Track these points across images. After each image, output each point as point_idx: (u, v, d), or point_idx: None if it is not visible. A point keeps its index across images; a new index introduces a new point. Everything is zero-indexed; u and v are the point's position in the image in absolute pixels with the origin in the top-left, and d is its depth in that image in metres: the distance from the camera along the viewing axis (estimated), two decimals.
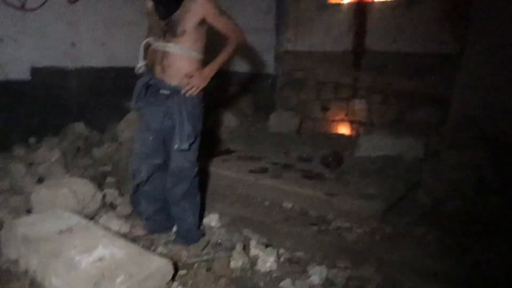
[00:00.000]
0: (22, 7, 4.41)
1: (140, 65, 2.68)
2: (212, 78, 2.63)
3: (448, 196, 3.42)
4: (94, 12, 5.07)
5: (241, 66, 6.30)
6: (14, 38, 4.38)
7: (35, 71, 4.57)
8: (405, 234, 2.95)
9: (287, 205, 3.38)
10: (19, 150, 4.15)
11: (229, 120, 5.19)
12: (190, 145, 2.58)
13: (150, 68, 2.72)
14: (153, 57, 2.68)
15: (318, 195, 3.29)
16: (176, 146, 2.56)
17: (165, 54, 2.58)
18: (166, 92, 2.61)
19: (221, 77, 6.28)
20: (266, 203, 3.46)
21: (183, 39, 2.52)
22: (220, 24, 2.55)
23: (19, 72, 4.46)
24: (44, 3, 4.58)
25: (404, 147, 4.23)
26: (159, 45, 2.60)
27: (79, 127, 4.82)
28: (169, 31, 2.54)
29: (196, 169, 2.74)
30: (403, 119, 5.13)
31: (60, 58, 4.79)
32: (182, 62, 2.56)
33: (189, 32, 2.51)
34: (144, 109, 2.73)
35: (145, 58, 2.72)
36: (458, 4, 4.75)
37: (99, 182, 3.65)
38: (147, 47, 2.71)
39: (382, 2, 5.35)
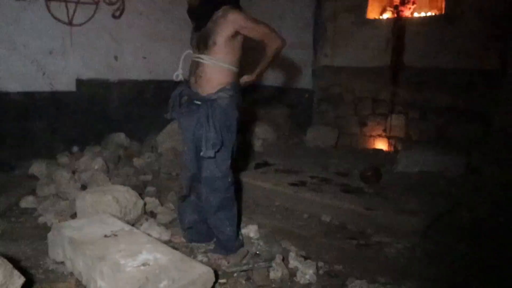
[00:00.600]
0: (70, 23, 4.62)
1: (177, 72, 2.80)
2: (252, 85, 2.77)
3: (491, 214, 3.31)
4: (137, 27, 5.26)
5: (278, 81, 6.35)
6: (62, 51, 4.60)
7: (80, 83, 4.76)
8: (446, 251, 2.86)
9: (326, 218, 3.34)
10: (63, 158, 4.30)
11: (266, 133, 5.22)
12: (216, 153, 2.59)
13: (187, 78, 2.78)
14: (190, 68, 2.75)
15: (357, 209, 3.23)
16: (201, 153, 2.60)
17: (198, 65, 2.63)
18: (198, 102, 2.65)
19: (259, 91, 6.37)
20: (305, 215, 3.42)
21: (214, 51, 2.56)
22: (255, 33, 2.58)
23: (65, 83, 4.66)
24: (90, 18, 4.79)
25: (444, 163, 4.14)
26: (193, 55, 2.68)
27: (120, 137, 4.96)
28: (202, 43, 2.59)
29: (229, 179, 2.73)
30: (443, 135, 5.01)
31: (103, 70, 4.98)
32: (213, 73, 2.60)
33: (219, 44, 2.54)
34: (180, 120, 2.81)
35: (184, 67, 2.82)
36: (499, 19, 4.65)
37: (140, 191, 3.71)
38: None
39: (421, 17, 5.31)
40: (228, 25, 2.51)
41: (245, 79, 2.77)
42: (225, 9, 2.56)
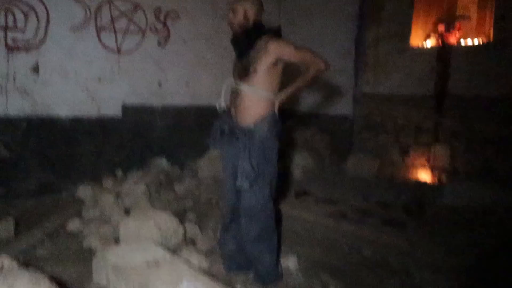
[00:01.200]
0: (118, 51, 4.82)
1: (219, 102, 2.80)
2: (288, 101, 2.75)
3: None
4: (180, 55, 5.41)
5: (319, 107, 6.33)
6: (110, 78, 4.78)
7: (125, 108, 4.92)
8: None
9: (367, 252, 3.25)
10: (108, 182, 4.43)
11: (306, 161, 5.18)
12: (253, 184, 2.59)
13: (228, 108, 2.80)
14: (231, 97, 2.78)
15: (400, 243, 3.14)
16: (237, 183, 2.61)
17: (238, 94, 2.66)
18: (238, 132, 2.67)
19: (299, 118, 6.37)
20: (345, 248, 3.34)
21: (254, 80, 2.58)
22: (298, 58, 2.60)
23: (112, 109, 4.83)
24: (136, 46, 4.98)
25: (493, 197, 3.95)
26: (234, 84, 2.71)
27: (162, 162, 5.07)
28: (243, 71, 2.62)
29: (269, 209, 2.71)
30: (490, 167, 4.81)
31: (148, 96, 5.13)
32: (252, 103, 2.61)
33: (260, 72, 2.56)
34: (221, 150, 2.85)
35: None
36: None
37: (181, 217, 3.75)
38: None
39: (467, 46, 5.19)
40: (269, 53, 2.54)
41: (278, 99, 2.67)
42: (267, 38, 2.59)
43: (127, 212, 3.71)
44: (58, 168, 4.44)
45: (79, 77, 4.53)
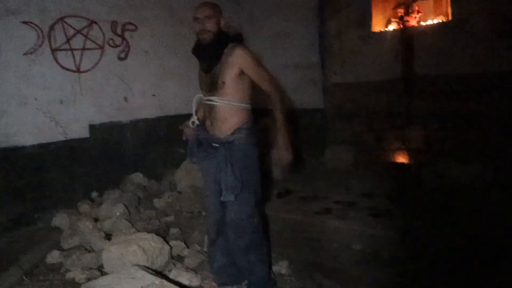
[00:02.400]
0: (78, 70, 4.66)
1: (192, 119, 2.72)
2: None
3: None
4: (144, 66, 5.29)
5: (289, 103, 6.29)
6: (72, 99, 4.62)
7: (92, 128, 4.77)
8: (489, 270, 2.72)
9: (357, 246, 3.23)
10: (84, 206, 4.27)
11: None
12: (238, 196, 2.52)
13: (202, 121, 2.74)
14: (204, 111, 2.72)
15: (389, 234, 3.12)
16: (222, 197, 2.57)
17: (211, 107, 2.58)
18: (216, 145, 2.60)
19: (270, 116, 6.31)
20: (335, 245, 3.31)
21: (224, 91, 2.51)
22: (256, 75, 2.51)
23: (78, 130, 4.67)
24: (96, 63, 4.82)
25: (472, 174, 3.99)
26: (205, 98, 2.63)
27: (137, 177, 4.95)
28: (212, 84, 2.55)
29: (255, 219, 2.65)
30: (465, 143, 4.87)
31: (115, 113, 4.99)
32: (226, 114, 2.55)
33: (228, 83, 2.49)
34: (200, 164, 2.77)
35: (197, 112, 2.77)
36: (510, 18, 4.56)
37: (164, 234, 3.66)
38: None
39: (428, 25, 5.24)
40: (235, 61, 2.46)
41: (281, 159, 2.66)
42: (232, 46, 2.51)
43: (108, 237, 3.57)
44: (30, 199, 4.25)
45: (39, 102, 4.34)
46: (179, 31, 5.62)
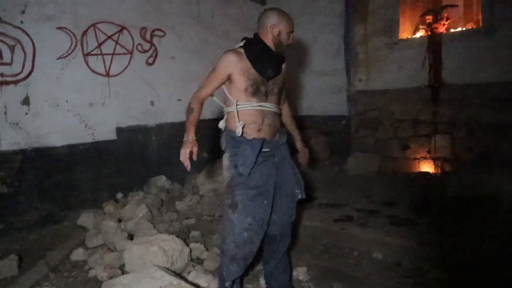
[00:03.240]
0: (107, 74, 4.79)
1: (238, 129, 2.51)
2: None
3: None
4: (170, 71, 5.40)
5: (313, 109, 6.29)
6: (101, 102, 4.74)
7: (119, 131, 4.88)
8: None
9: (377, 255, 3.19)
10: (108, 206, 4.37)
11: (305, 165, 5.10)
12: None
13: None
14: (250, 119, 2.54)
15: (410, 244, 3.07)
16: (299, 196, 2.68)
17: (264, 114, 2.55)
18: (268, 149, 2.56)
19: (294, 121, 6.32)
20: (355, 253, 3.28)
21: (277, 98, 2.63)
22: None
23: (106, 132, 4.79)
24: (125, 68, 4.95)
25: (499, 185, 3.87)
26: (259, 105, 2.54)
27: (161, 180, 5.03)
28: (270, 92, 2.57)
29: None
30: (493, 153, 4.75)
31: (141, 116, 5.10)
32: (278, 119, 2.66)
33: (281, 91, 2.68)
34: (256, 173, 2.53)
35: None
36: None
37: (184, 236, 3.72)
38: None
39: (457, 32, 5.15)
40: (285, 73, 2.69)
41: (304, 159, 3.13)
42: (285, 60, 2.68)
43: (130, 237, 3.66)
44: (58, 198, 4.38)
45: (70, 104, 4.49)
46: (205, 38, 5.73)
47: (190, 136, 2.42)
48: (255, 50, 2.49)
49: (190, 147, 2.38)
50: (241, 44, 2.57)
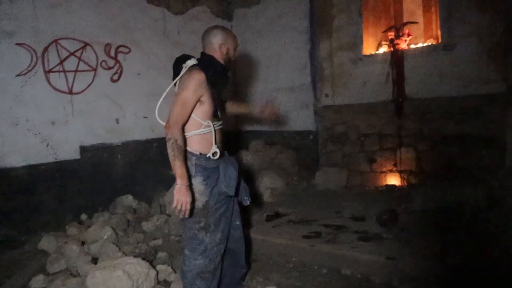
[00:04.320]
0: (70, 91, 4.67)
1: (213, 150, 2.46)
2: None
3: None
4: (135, 88, 5.32)
5: (281, 125, 6.31)
6: (64, 120, 4.62)
7: (83, 150, 4.76)
8: None
9: (346, 271, 3.18)
10: (72, 229, 4.22)
11: (274, 182, 5.10)
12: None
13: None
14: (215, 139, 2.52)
15: (378, 259, 3.08)
16: (247, 202, 2.70)
17: (220, 130, 2.59)
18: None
19: (262, 138, 6.33)
20: (324, 270, 3.26)
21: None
22: None
23: (69, 152, 4.65)
24: (89, 85, 4.84)
25: (462, 196, 3.97)
26: (217, 125, 2.55)
27: (127, 200, 4.91)
28: (222, 109, 2.59)
29: None
30: (456, 165, 4.88)
31: (106, 135, 4.99)
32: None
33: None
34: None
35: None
36: (497, 43, 4.62)
37: (151, 257, 3.61)
38: None
39: (418, 48, 5.30)
40: None
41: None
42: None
43: (94, 261, 3.52)
44: (17, 221, 4.20)
45: (31, 123, 4.34)
46: (172, 54, 5.57)
47: (184, 181, 2.31)
48: (214, 71, 2.46)
49: (187, 195, 2.30)
50: (194, 62, 2.50)
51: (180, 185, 2.30)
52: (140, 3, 5.46)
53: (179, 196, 2.29)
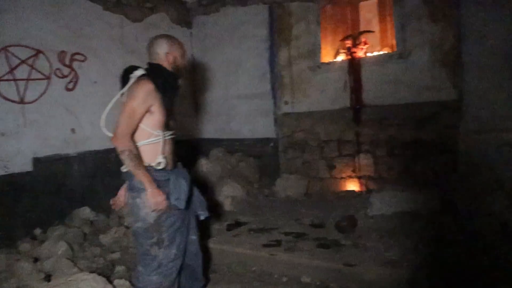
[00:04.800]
0: (21, 101, 4.49)
1: (159, 160, 2.42)
2: None
3: (474, 249, 3.26)
4: (92, 97, 5.17)
5: (241, 133, 6.32)
6: (15, 131, 4.42)
7: (36, 161, 4.57)
8: None
9: (306, 279, 3.21)
10: (24, 245, 4.04)
11: (235, 190, 5.07)
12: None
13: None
14: (164, 149, 2.49)
15: (337, 266, 3.12)
16: (203, 216, 2.68)
17: (171, 142, 2.55)
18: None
19: (222, 146, 6.30)
20: (284, 279, 3.28)
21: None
22: None
23: (21, 164, 4.45)
24: (42, 94, 4.67)
25: (418, 200, 4.09)
26: (167, 134, 2.51)
27: (85, 212, 4.77)
28: (171, 119, 2.54)
29: None
30: (412, 170, 5.03)
31: (61, 145, 4.82)
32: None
33: None
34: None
35: None
36: (448, 52, 4.81)
37: (109, 272, 3.51)
38: None
39: (374, 56, 5.44)
40: None
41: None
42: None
43: (48, 277, 3.38)
44: None
45: None
46: (130, 62, 5.45)
47: (153, 184, 2.33)
48: (164, 80, 2.42)
49: (161, 194, 2.33)
50: (142, 72, 2.44)
51: (151, 189, 2.31)
52: (96, 10, 5.33)
53: (155, 199, 2.31)
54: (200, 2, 6.58)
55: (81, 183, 4.97)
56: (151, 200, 2.31)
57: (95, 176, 5.11)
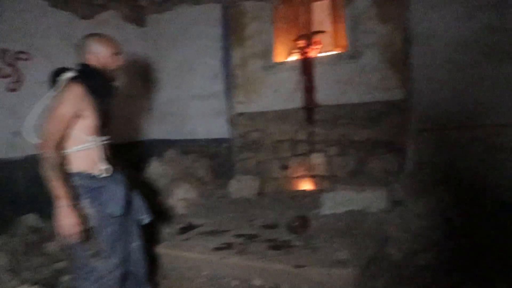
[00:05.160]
0: None
1: (101, 167, 2.39)
2: None
3: (419, 247, 3.36)
4: (39, 98, 4.92)
5: (197, 133, 6.25)
6: None
7: None
8: None
9: (257, 282, 3.20)
10: None
11: (188, 192, 5.01)
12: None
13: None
14: (99, 155, 2.45)
15: (287, 268, 3.13)
16: (148, 219, 2.62)
17: (105, 147, 2.49)
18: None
19: (174, 147, 6.20)
20: (235, 282, 3.25)
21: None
22: None
23: None
24: None
25: (368, 199, 4.17)
26: (102, 140, 2.48)
27: (30, 219, 4.55)
28: (108, 122, 2.47)
29: None
30: (363, 169, 5.14)
31: (3, 149, 4.59)
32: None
33: None
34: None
35: None
36: (398, 52, 4.94)
37: (53, 283, 3.38)
38: None
39: (326, 56, 5.51)
40: None
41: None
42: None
43: None
44: None
45: None
46: (76, 60, 5.36)
47: (67, 201, 2.18)
48: (96, 82, 2.35)
49: (73, 216, 2.15)
50: (73, 74, 2.36)
51: (62, 206, 2.16)
52: (42, 6, 5.10)
53: (63, 220, 2.14)
54: (154, 0, 6.45)
55: (27, 189, 4.75)
56: (62, 220, 2.17)
57: (41, 181, 4.89)
